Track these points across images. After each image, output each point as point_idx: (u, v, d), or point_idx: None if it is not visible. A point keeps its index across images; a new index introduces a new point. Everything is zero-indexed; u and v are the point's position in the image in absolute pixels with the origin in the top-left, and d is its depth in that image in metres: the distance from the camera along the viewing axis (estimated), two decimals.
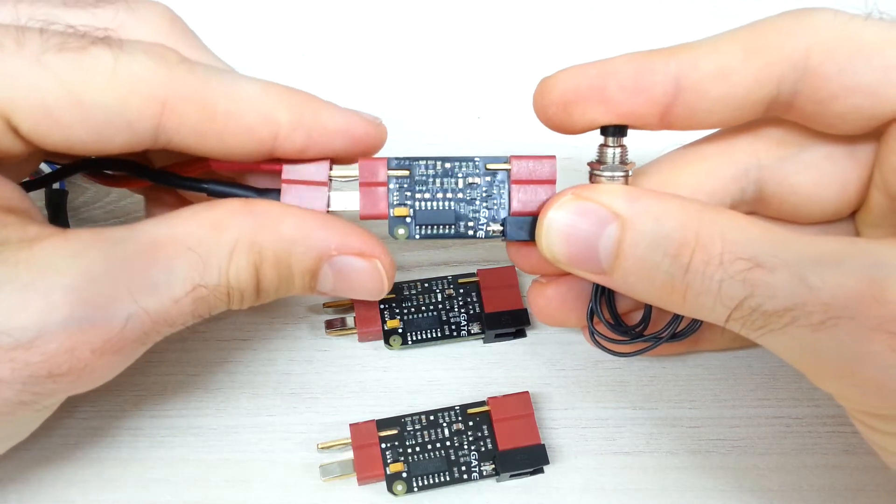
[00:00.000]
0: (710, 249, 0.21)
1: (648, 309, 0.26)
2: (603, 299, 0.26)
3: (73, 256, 0.21)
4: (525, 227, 0.25)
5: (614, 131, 0.24)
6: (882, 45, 0.22)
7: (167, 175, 0.26)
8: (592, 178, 0.25)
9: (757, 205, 0.26)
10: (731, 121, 0.24)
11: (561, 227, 0.23)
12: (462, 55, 0.39)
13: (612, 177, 0.24)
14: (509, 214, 0.25)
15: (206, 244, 0.23)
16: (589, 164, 0.25)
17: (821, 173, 0.25)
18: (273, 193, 0.26)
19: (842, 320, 0.19)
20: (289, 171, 0.25)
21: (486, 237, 0.26)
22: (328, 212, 0.26)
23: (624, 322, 0.27)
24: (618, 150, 0.24)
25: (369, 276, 0.25)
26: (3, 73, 0.21)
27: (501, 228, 0.26)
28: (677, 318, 0.25)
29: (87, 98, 0.22)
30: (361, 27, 0.40)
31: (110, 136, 0.23)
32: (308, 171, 0.25)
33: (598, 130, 0.25)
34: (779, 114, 0.24)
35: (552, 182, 0.26)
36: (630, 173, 0.24)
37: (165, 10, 0.26)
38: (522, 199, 0.25)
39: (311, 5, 0.41)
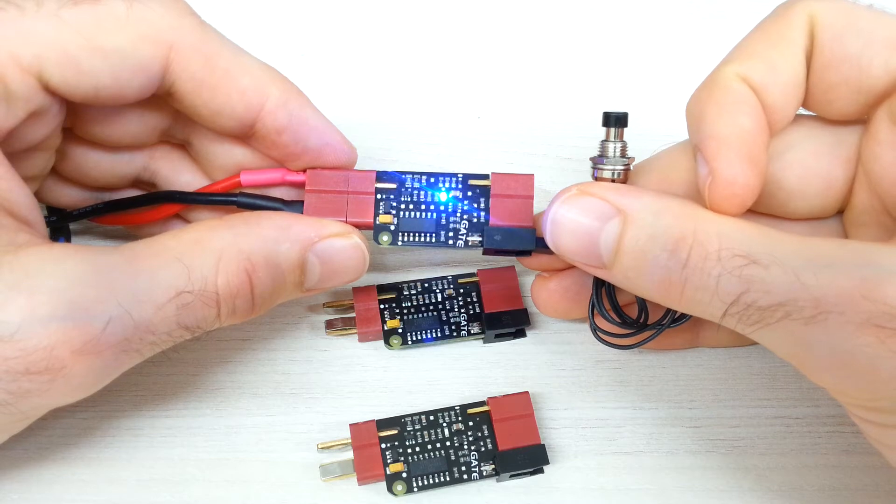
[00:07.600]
0: (707, 246, 0.21)
1: (640, 300, 0.26)
2: (604, 292, 0.27)
3: (58, 262, 0.22)
4: (502, 238, 0.27)
5: (616, 121, 0.25)
6: (873, 19, 0.23)
7: (199, 195, 0.29)
8: (595, 171, 0.26)
9: None
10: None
11: (565, 222, 0.24)
12: (462, 55, 0.39)
13: (614, 170, 0.25)
14: (488, 226, 0.27)
15: (189, 256, 0.24)
16: (591, 158, 0.26)
17: (806, 170, 0.26)
18: (298, 205, 0.28)
19: (832, 315, 0.20)
20: (312, 180, 0.28)
21: (465, 247, 0.28)
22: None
23: (626, 314, 0.27)
24: (618, 144, 0.25)
25: (351, 253, 0.27)
26: (28, 32, 0.23)
27: (480, 239, 0.27)
28: None
29: (103, 43, 0.24)
30: (361, 27, 0.40)
31: (127, 79, 0.25)
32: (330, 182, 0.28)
33: (601, 122, 0.25)
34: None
35: (529, 197, 0.27)
36: (631, 168, 0.25)
37: None
38: (500, 212, 0.27)
39: (311, 5, 0.41)
